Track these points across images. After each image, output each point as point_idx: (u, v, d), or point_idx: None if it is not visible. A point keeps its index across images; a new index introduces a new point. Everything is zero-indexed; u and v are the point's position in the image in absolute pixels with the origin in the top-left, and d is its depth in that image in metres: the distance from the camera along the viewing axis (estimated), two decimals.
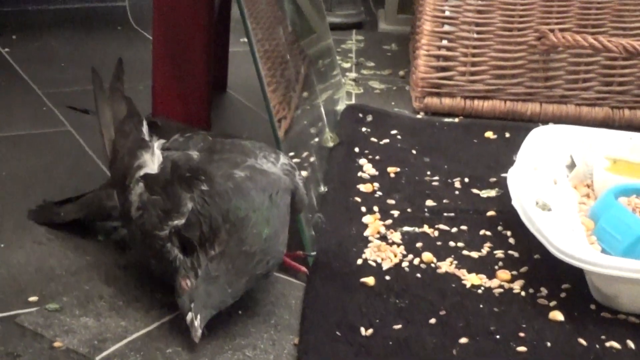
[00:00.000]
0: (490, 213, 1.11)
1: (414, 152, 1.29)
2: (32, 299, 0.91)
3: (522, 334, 0.87)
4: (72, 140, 1.30)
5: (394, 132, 1.35)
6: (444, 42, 1.44)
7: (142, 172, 0.91)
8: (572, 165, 1.15)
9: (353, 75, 1.65)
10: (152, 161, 0.91)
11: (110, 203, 0.98)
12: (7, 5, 1.81)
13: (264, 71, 0.96)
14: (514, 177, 1.05)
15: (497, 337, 0.86)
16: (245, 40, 1.81)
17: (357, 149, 1.28)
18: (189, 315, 0.83)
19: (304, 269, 0.97)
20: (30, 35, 1.76)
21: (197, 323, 0.83)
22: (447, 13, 1.43)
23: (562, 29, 1.41)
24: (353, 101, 1.51)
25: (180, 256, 0.86)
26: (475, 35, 1.44)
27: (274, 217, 0.86)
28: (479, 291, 0.94)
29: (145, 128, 0.96)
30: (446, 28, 1.44)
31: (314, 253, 0.99)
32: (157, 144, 0.93)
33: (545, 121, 1.43)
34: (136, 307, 0.91)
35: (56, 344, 0.84)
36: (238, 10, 0.97)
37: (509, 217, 1.08)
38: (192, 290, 0.83)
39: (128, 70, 1.08)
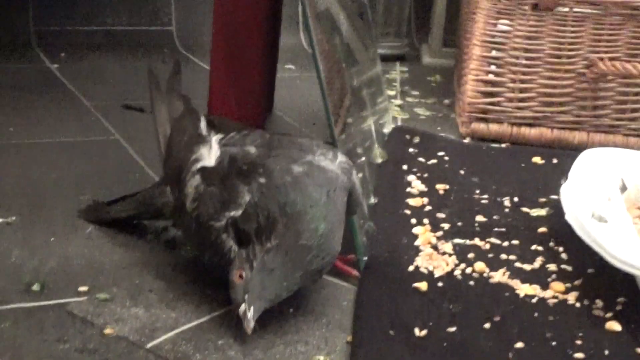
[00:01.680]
0: (542, 229, 1.09)
1: (462, 172, 1.28)
2: (82, 289, 0.91)
3: (578, 342, 0.85)
4: (120, 148, 1.30)
5: (441, 153, 1.35)
6: (492, 68, 1.44)
7: (198, 166, 0.91)
8: (623, 188, 1.14)
9: (398, 102, 1.65)
10: (209, 155, 0.91)
11: (162, 200, 0.98)
12: (55, 25, 1.83)
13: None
14: (567, 191, 1.04)
15: (553, 343, 0.85)
16: (291, 67, 1.83)
17: (405, 167, 1.27)
18: (242, 307, 0.82)
19: (355, 272, 0.96)
20: (78, 54, 1.78)
21: (250, 314, 0.82)
22: (497, 39, 1.43)
23: (612, 58, 1.41)
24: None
25: (235, 247, 0.85)
26: (524, 62, 1.43)
27: (331, 214, 0.85)
28: (533, 300, 0.93)
29: (203, 124, 0.96)
30: (495, 53, 1.44)
31: (365, 258, 0.98)
32: (214, 139, 0.93)
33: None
34: (187, 300, 0.90)
35: (107, 331, 0.83)
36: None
37: (561, 234, 1.07)
38: (246, 282, 0.82)
39: None
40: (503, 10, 1.42)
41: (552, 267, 1.00)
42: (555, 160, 1.36)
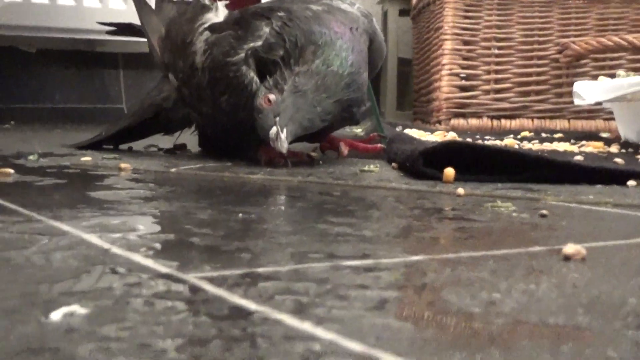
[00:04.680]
0: (558, 135, 1.05)
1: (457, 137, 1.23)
2: (85, 159, 0.80)
3: None
4: None
5: (428, 133, 1.30)
6: (466, 62, 1.43)
7: (206, 25, 0.84)
8: None
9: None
10: (217, 16, 0.85)
11: (161, 95, 0.91)
12: (5, 102, 1.77)
13: None
14: (581, 84, 1.00)
15: (618, 160, 0.78)
16: None
17: (398, 129, 1.22)
18: (274, 129, 0.73)
19: (380, 145, 0.88)
20: (27, 123, 1.70)
21: (283, 135, 0.73)
22: (467, 30, 1.43)
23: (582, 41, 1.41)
24: None
25: (256, 79, 0.78)
26: (496, 52, 1.43)
27: (357, 49, 0.79)
28: (575, 151, 0.86)
29: None
30: (467, 46, 1.43)
31: (386, 136, 0.90)
32: (221, 4, 0.88)
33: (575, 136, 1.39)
34: (205, 159, 0.81)
35: (122, 165, 0.73)
36: None
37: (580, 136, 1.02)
38: (276, 104, 0.74)
39: None
40: (470, 1, 1.42)
41: (582, 142, 0.95)
42: (544, 135, 1.33)
